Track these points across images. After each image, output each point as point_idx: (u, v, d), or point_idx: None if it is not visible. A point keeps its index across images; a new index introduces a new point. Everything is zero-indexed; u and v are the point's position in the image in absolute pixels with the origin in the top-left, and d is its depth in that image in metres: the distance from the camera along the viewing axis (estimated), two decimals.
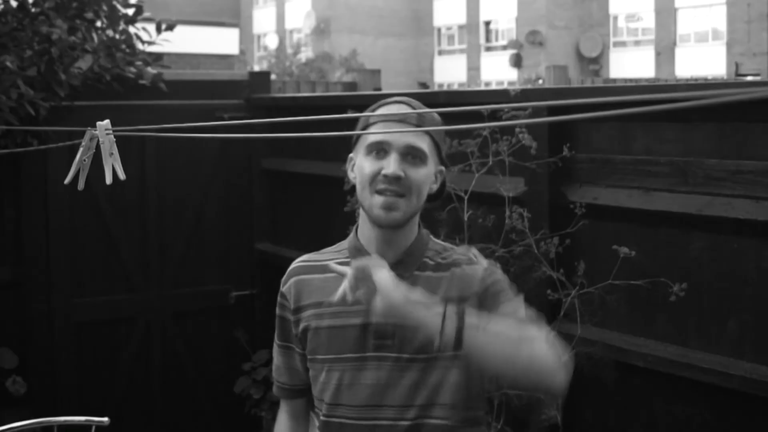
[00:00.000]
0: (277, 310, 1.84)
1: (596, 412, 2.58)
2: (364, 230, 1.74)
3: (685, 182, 2.33)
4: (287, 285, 1.81)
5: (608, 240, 2.43)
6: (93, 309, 3.98)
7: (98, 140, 1.40)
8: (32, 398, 3.76)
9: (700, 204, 2.28)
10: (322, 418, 1.73)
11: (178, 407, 4.14)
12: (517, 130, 2.55)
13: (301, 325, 1.76)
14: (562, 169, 2.61)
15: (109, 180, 1.38)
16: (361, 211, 1.75)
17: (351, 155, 1.80)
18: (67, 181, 1.43)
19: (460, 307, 1.52)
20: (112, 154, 1.40)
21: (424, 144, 1.68)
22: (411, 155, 1.67)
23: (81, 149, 1.40)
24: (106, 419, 2.65)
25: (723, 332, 2.26)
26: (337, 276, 1.67)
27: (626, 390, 2.49)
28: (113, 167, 1.40)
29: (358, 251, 1.73)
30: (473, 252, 1.77)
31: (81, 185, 1.43)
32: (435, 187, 1.74)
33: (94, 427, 2.64)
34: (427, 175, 1.69)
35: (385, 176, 1.64)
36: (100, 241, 3.98)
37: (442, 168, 1.75)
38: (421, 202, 1.70)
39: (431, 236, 1.79)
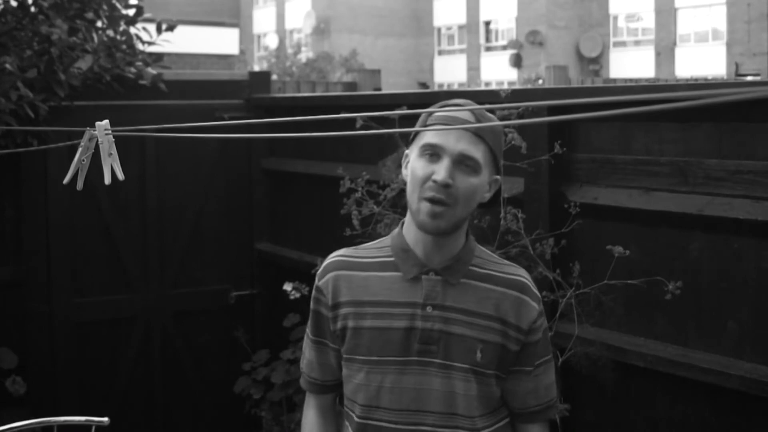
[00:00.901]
0: (312, 304, 1.78)
1: (596, 412, 2.58)
2: (410, 231, 1.70)
3: (685, 182, 2.34)
4: (324, 279, 1.74)
5: (608, 240, 2.43)
6: (93, 309, 3.98)
7: (97, 140, 1.40)
8: (32, 398, 3.76)
9: (700, 204, 2.28)
10: (357, 419, 1.69)
11: (178, 407, 4.14)
12: (507, 130, 2.54)
13: (340, 323, 1.71)
14: (562, 169, 2.61)
15: (108, 180, 1.38)
16: (408, 212, 1.70)
17: (407, 151, 1.74)
18: (66, 181, 1.43)
19: None
20: (111, 154, 1.40)
21: (478, 153, 1.63)
22: (464, 163, 1.62)
23: (80, 149, 1.40)
24: (106, 419, 2.65)
25: (723, 332, 2.26)
26: (380, 275, 1.69)
27: (626, 390, 2.49)
28: (112, 167, 1.40)
29: (404, 252, 1.70)
30: (528, 278, 1.75)
31: (80, 185, 1.43)
32: (488, 195, 1.70)
33: (94, 427, 2.64)
34: (478, 185, 1.65)
35: (435, 182, 1.60)
36: (100, 241, 3.98)
37: (497, 177, 1.71)
38: (469, 210, 1.66)
39: (478, 245, 1.76)
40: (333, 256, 1.78)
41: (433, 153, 1.63)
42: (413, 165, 1.66)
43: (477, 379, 1.66)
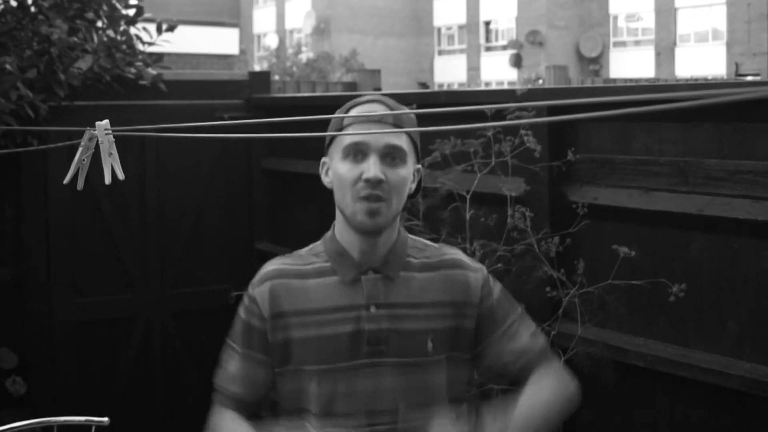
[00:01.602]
0: (243, 315, 1.70)
1: (596, 412, 2.58)
2: (344, 234, 1.67)
3: (685, 182, 2.33)
4: (260, 288, 1.68)
5: (608, 240, 2.43)
6: (93, 309, 3.98)
7: (97, 140, 1.40)
8: (32, 398, 3.76)
9: (700, 204, 2.28)
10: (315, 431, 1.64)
11: (178, 407, 4.14)
12: (523, 131, 2.55)
13: (280, 334, 1.65)
14: (563, 169, 2.61)
15: (108, 180, 1.38)
16: (338, 214, 1.69)
17: (324, 159, 1.71)
18: (66, 180, 1.43)
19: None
20: (111, 154, 1.40)
21: (402, 143, 1.63)
22: (390, 156, 1.61)
23: (80, 149, 1.40)
24: (106, 419, 2.65)
25: (723, 332, 2.26)
26: (319, 282, 1.65)
27: (626, 390, 2.49)
28: (112, 167, 1.40)
29: (341, 255, 1.67)
30: (460, 254, 1.74)
31: (80, 185, 1.43)
32: (413, 186, 1.69)
33: (94, 427, 2.64)
34: (407, 176, 1.64)
35: (367, 180, 1.58)
36: (100, 241, 3.98)
37: (419, 166, 1.71)
38: (402, 203, 1.65)
39: (408, 234, 1.75)
40: (269, 266, 1.72)
41: (357, 152, 1.61)
42: (338, 169, 1.63)
43: (432, 370, 1.64)
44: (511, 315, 1.74)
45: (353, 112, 1.67)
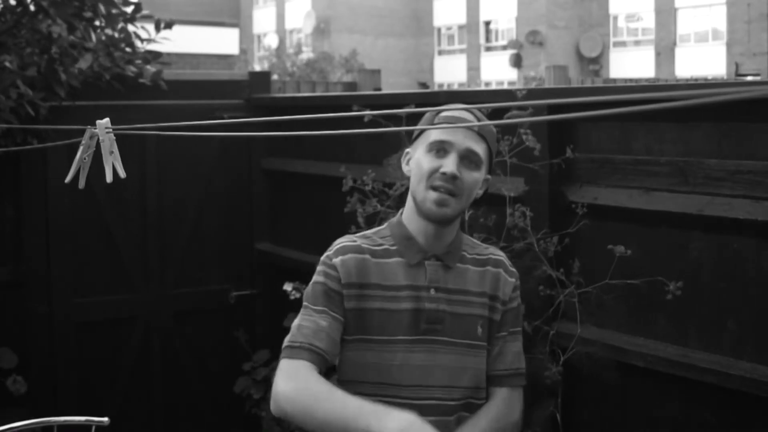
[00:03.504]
0: (321, 279, 1.80)
1: (596, 412, 2.58)
2: (412, 221, 1.84)
3: (685, 182, 2.33)
4: (338, 259, 1.81)
5: (608, 240, 2.43)
6: (93, 309, 3.98)
7: (98, 139, 1.40)
8: (32, 398, 3.76)
9: (700, 204, 2.28)
10: (368, 398, 1.69)
11: (178, 407, 4.14)
12: (522, 131, 2.55)
13: (351, 303, 1.78)
14: (563, 169, 2.61)
15: (109, 178, 1.38)
16: (409, 201, 1.86)
17: (408, 149, 1.90)
18: (67, 180, 1.43)
19: None
20: (112, 152, 1.40)
21: (481, 150, 1.81)
22: (469, 159, 1.79)
23: (81, 148, 1.40)
24: (106, 419, 2.65)
25: (723, 332, 2.26)
26: (387, 262, 1.81)
27: (626, 390, 2.49)
28: (113, 166, 1.40)
29: (407, 240, 1.84)
30: (503, 256, 1.96)
31: (81, 184, 1.44)
32: (480, 192, 1.87)
33: (94, 427, 2.64)
34: (478, 179, 1.83)
35: (443, 174, 1.76)
36: (100, 241, 3.98)
37: (489, 176, 1.89)
38: (469, 202, 1.84)
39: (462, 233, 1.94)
40: (344, 240, 1.87)
41: (440, 149, 1.78)
42: (420, 159, 1.81)
43: (478, 353, 1.84)
44: (515, 327, 1.94)
45: (444, 113, 1.83)
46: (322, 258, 1.86)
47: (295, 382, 1.66)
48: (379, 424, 1.50)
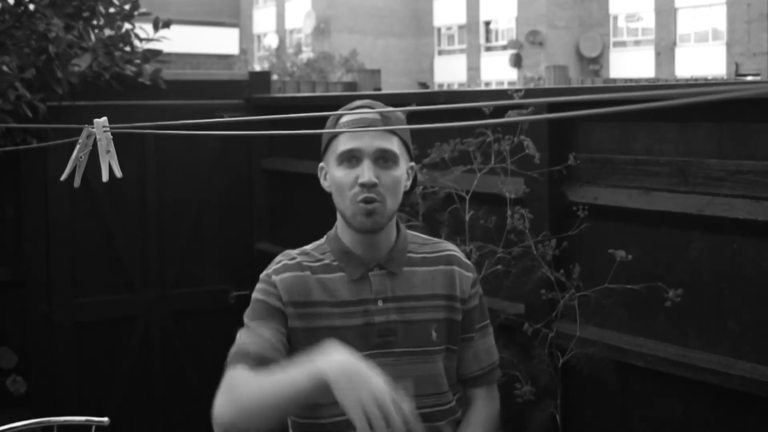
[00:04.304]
0: (260, 296, 1.76)
1: (596, 412, 2.58)
2: (346, 234, 1.77)
3: (685, 182, 2.33)
4: (278, 277, 1.75)
5: (608, 240, 2.43)
6: (93, 309, 3.98)
7: (95, 137, 1.40)
8: (32, 398, 3.76)
9: (700, 204, 2.28)
10: (325, 421, 1.70)
11: (178, 407, 4.14)
12: (522, 137, 2.55)
13: (292, 322, 1.72)
14: (564, 171, 2.61)
15: (105, 177, 1.38)
16: (339, 216, 1.79)
17: (321, 164, 1.82)
18: (63, 177, 1.42)
19: None
20: (109, 151, 1.40)
21: (393, 145, 1.72)
22: (383, 159, 1.71)
23: (78, 146, 1.40)
24: (106, 419, 2.65)
25: (723, 332, 2.26)
26: (329, 278, 1.74)
27: (626, 390, 2.49)
28: (110, 165, 1.40)
29: (346, 254, 1.76)
30: (456, 250, 1.86)
31: (77, 182, 1.43)
32: (408, 183, 1.79)
33: (94, 427, 2.64)
34: (400, 176, 1.73)
35: (362, 184, 1.68)
36: (100, 242, 3.98)
37: (413, 164, 1.81)
38: (398, 202, 1.75)
39: (407, 230, 1.85)
40: (283, 258, 1.80)
41: (351, 158, 1.71)
42: (334, 175, 1.73)
43: (435, 358, 1.76)
44: (482, 322, 1.87)
45: (345, 118, 1.75)
46: (262, 275, 1.79)
47: (221, 392, 1.61)
48: (318, 371, 1.44)
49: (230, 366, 1.67)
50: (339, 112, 1.79)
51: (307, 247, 1.84)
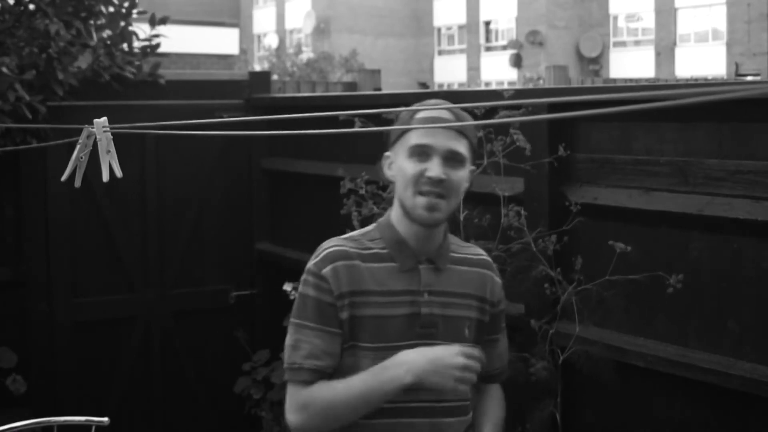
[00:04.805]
0: (312, 292, 1.79)
1: (596, 412, 2.58)
2: (402, 224, 1.82)
3: (685, 182, 2.33)
4: (327, 269, 1.78)
5: (608, 240, 2.43)
6: (93, 309, 3.98)
7: (95, 137, 1.40)
8: (32, 398, 3.76)
9: (700, 204, 2.28)
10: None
11: (178, 407, 4.14)
12: (512, 131, 2.55)
13: (345, 312, 1.76)
14: (562, 168, 2.61)
15: (105, 177, 1.38)
16: (397, 206, 1.84)
17: (388, 153, 1.88)
18: (63, 177, 1.43)
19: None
20: (109, 151, 1.40)
21: (463, 148, 1.79)
22: (452, 159, 1.77)
23: (78, 146, 1.40)
24: (106, 419, 2.65)
25: (723, 332, 2.26)
26: (379, 267, 1.79)
27: (626, 390, 2.49)
28: (110, 165, 1.40)
29: (399, 244, 1.81)
30: (486, 255, 1.97)
31: (77, 182, 1.43)
32: (467, 185, 1.86)
33: (94, 427, 2.64)
34: (465, 177, 1.81)
35: (429, 178, 1.75)
36: (100, 241, 3.98)
37: (474, 167, 1.88)
38: (458, 201, 1.84)
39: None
40: (332, 247, 1.82)
41: (422, 153, 1.76)
42: (403, 165, 1.79)
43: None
44: (503, 325, 1.98)
45: (421, 114, 1.81)
46: (309, 266, 1.81)
47: (303, 412, 1.75)
48: (393, 380, 1.68)
49: (296, 378, 1.77)
50: (412, 108, 1.85)
51: (355, 234, 1.89)
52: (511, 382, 2.47)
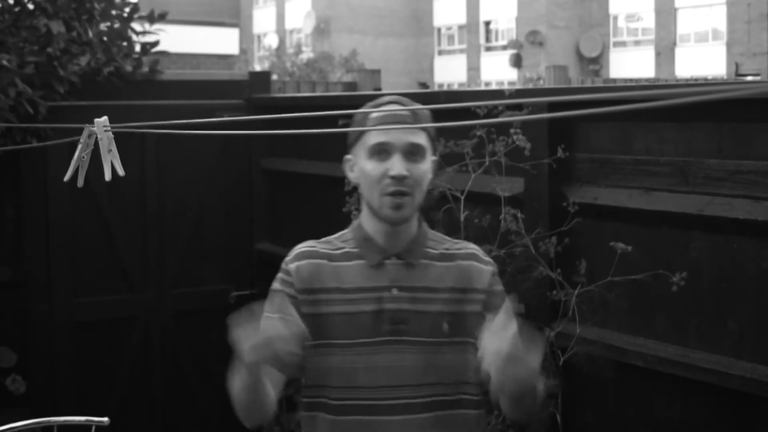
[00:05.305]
0: (278, 286, 1.82)
1: (596, 412, 2.58)
2: (370, 223, 1.82)
3: (685, 182, 2.33)
4: (295, 265, 1.81)
5: (608, 240, 2.43)
6: (93, 309, 3.97)
7: (97, 137, 1.40)
8: (32, 398, 3.76)
9: (700, 204, 2.28)
10: (333, 402, 1.76)
11: (178, 407, 4.14)
12: (512, 130, 2.55)
13: (308, 308, 1.76)
14: (562, 168, 2.61)
15: (108, 177, 1.38)
16: (364, 207, 1.83)
17: (349, 156, 1.87)
18: (66, 178, 1.43)
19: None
20: (110, 150, 1.40)
21: (422, 140, 1.78)
22: (412, 153, 1.76)
23: (79, 146, 1.40)
24: (106, 419, 2.65)
25: (723, 332, 2.26)
26: (347, 265, 1.79)
27: (626, 390, 2.49)
28: (112, 164, 1.40)
29: (367, 241, 1.81)
30: (477, 248, 1.90)
31: (80, 182, 1.43)
32: (431, 176, 1.84)
33: (94, 427, 2.64)
34: (427, 169, 1.79)
35: (392, 177, 1.73)
36: (100, 241, 3.98)
37: (435, 157, 1.85)
38: (423, 195, 1.81)
39: (428, 228, 1.89)
40: (302, 246, 1.86)
41: (381, 151, 1.76)
42: (364, 166, 1.79)
43: (446, 350, 1.78)
44: (509, 306, 1.83)
45: (375, 114, 1.82)
46: (282, 264, 1.85)
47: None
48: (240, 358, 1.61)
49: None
50: (365, 110, 1.84)
51: (331, 237, 1.89)
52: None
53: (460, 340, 1.79)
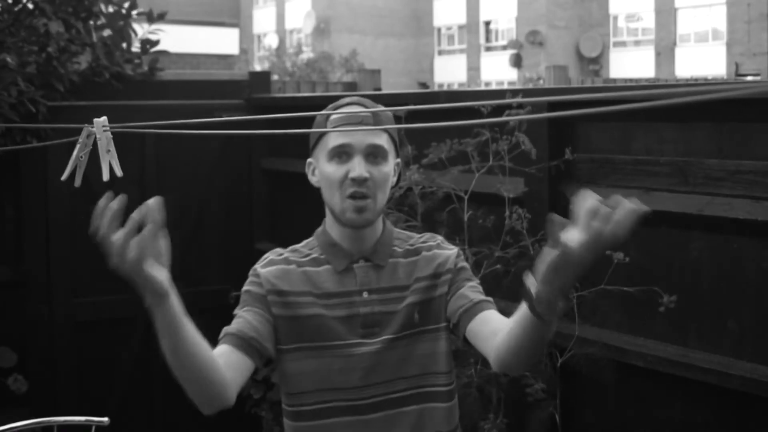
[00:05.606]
0: (248, 287, 1.81)
1: (596, 412, 2.58)
2: (334, 228, 1.81)
3: (685, 182, 2.33)
4: (263, 270, 1.80)
5: None
6: (93, 309, 3.97)
7: (95, 137, 1.40)
8: (32, 397, 3.76)
9: (700, 204, 2.28)
10: (310, 407, 1.74)
11: (178, 407, 4.12)
12: (517, 134, 2.55)
13: (280, 311, 1.74)
14: (562, 169, 2.61)
15: (106, 177, 1.38)
16: (327, 212, 1.82)
17: (310, 160, 1.85)
18: (63, 177, 1.43)
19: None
20: (109, 150, 1.40)
21: (383, 141, 1.74)
22: (373, 155, 1.73)
23: (78, 146, 1.40)
24: (106, 419, 2.65)
25: (723, 332, 2.26)
26: (315, 270, 1.79)
27: (626, 390, 2.49)
28: (110, 164, 1.40)
29: (332, 246, 1.80)
30: (441, 238, 1.88)
31: (78, 182, 1.44)
32: (394, 179, 1.81)
33: (94, 427, 2.64)
34: (389, 171, 1.76)
35: (353, 180, 1.70)
36: None
37: (399, 160, 1.82)
38: (386, 197, 1.78)
39: (393, 227, 1.88)
40: (270, 254, 1.85)
41: (342, 153, 1.73)
42: (325, 170, 1.76)
43: (420, 339, 1.76)
44: (472, 280, 1.82)
45: (335, 116, 1.78)
46: (250, 271, 1.84)
47: None
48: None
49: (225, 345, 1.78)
50: (325, 112, 1.81)
51: (298, 245, 1.88)
52: (511, 383, 2.47)
53: (431, 327, 1.77)
